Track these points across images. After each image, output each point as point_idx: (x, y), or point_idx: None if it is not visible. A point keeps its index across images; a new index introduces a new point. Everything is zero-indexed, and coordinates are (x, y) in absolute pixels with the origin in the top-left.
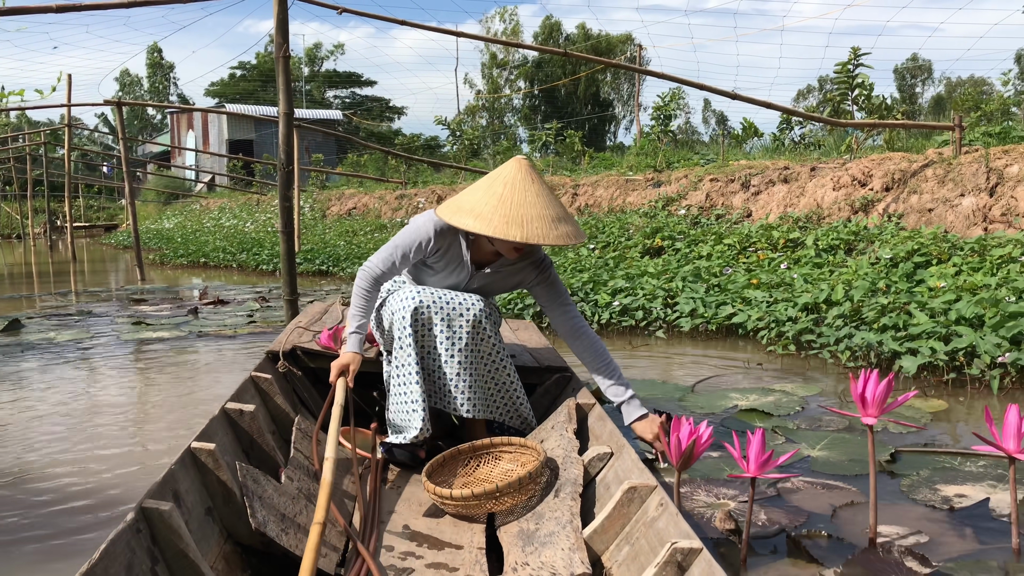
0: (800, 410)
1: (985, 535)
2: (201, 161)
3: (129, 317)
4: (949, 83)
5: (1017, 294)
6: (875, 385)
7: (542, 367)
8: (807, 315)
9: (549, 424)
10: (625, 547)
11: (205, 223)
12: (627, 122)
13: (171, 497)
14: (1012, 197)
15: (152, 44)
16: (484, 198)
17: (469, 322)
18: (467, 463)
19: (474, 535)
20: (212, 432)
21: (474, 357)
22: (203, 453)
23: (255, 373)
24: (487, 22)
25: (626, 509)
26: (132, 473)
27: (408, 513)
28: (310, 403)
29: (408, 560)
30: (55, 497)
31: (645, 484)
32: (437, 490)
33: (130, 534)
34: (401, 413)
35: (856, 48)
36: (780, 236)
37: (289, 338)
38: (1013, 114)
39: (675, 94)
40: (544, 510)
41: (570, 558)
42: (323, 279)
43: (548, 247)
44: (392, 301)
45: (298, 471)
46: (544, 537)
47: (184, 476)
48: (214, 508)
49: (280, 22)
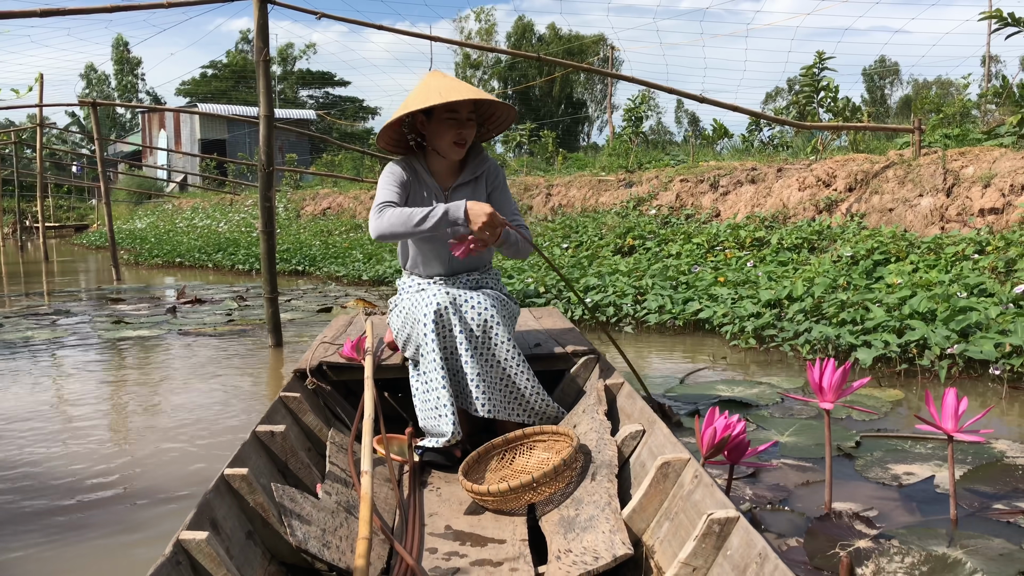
0: (780, 401)
1: (928, 507)
2: (173, 161)
3: (108, 316)
4: (916, 84)
5: (968, 290)
6: (831, 373)
7: (568, 352)
8: (770, 311)
9: (580, 408)
10: (665, 523)
11: (178, 223)
12: (600, 123)
13: (208, 526)
14: (967, 197)
15: (117, 37)
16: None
17: (479, 326)
18: (502, 457)
19: (516, 528)
20: (245, 457)
21: (487, 360)
22: (236, 479)
23: (284, 393)
24: (461, 22)
25: (662, 485)
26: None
27: (449, 513)
28: (342, 416)
29: (452, 560)
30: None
31: (679, 458)
32: (475, 487)
33: (170, 567)
34: (431, 418)
35: (821, 52)
36: (747, 235)
37: (314, 355)
38: (974, 117)
39: (645, 96)
40: (582, 495)
41: (611, 540)
42: (300, 279)
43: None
44: (409, 308)
45: (336, 484)
46: (584, 522)
47: (220, 503)
48: (254, 531)
49: (260, 27)
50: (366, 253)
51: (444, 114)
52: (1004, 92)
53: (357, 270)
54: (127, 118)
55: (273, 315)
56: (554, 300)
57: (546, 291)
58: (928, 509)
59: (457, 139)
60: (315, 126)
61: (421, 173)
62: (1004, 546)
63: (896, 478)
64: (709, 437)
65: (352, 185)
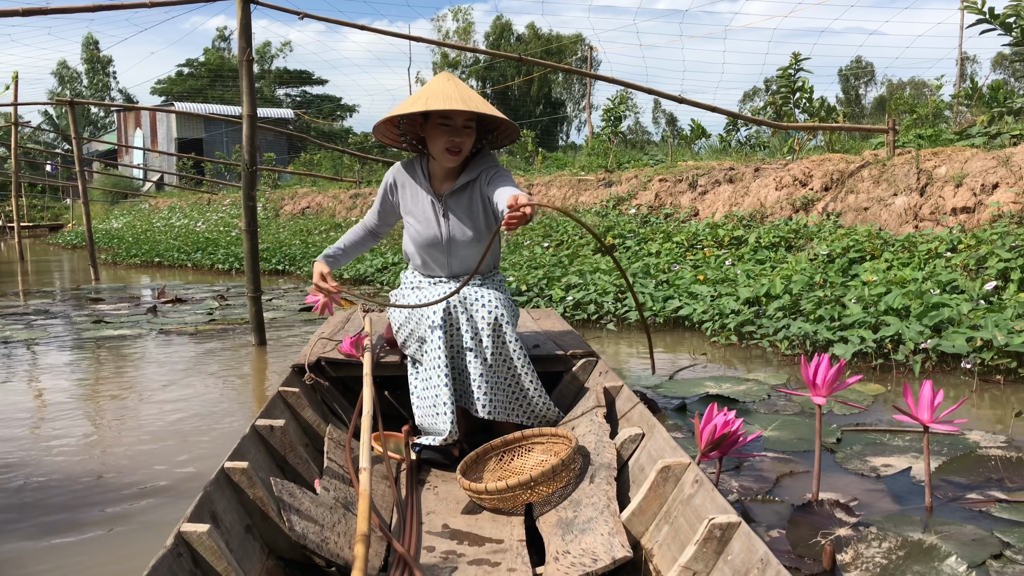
0: (767, 397)
1: (905, 497)
2: (149, 160)
3: (87, 316)
4: (891, 85)
5: (941, 287)
6: (826, 369)
7: (567, 354)
8: (749, 308)
9: (579, 411)
10: (664, 527)
11: (155, 223)
12: (579, 122)
13: (209, 518)
14: (940, 197)
15: (87, 36)
16: (414, 98)
17: (489, 324)
18: (500, 457)
19: (513, 528)
20: (244, 450)
21: (494, 360)
22: (236, 472)
23: (283, 388)
24: (439, 21)
25: (662, 489)
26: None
27: (446, 512)
28: (340, 412)
29: (450, 559)
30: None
31: (679, 462)
32: (472, 486)
33: (171, 559)
34: (428, 416)
35: (796, 54)
36: (725, 234)
37: (313, 350)
38: (946, 117)
39: (624, 96)
40: (581, 497)
41: (610, 542)
42: (280, 278)
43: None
44: (419, 310)
45: (334, 480)
46: (583, 524)
47: (220, 496)
48: (253, 525)
49: (243, 27)
50: None
51: (438, 119)
52: (975, 94)
53: (338, 269)
54: (100, 117)
55: (256, 314)
56: (536, 299)
57: (528, 289)
58: (905, 499)
59: (450, 146)
60: (293, 125)
61: (419, 177)
62: (976, 532)
63: (875, 469)
64: (708, 433)
65: (331, 184)
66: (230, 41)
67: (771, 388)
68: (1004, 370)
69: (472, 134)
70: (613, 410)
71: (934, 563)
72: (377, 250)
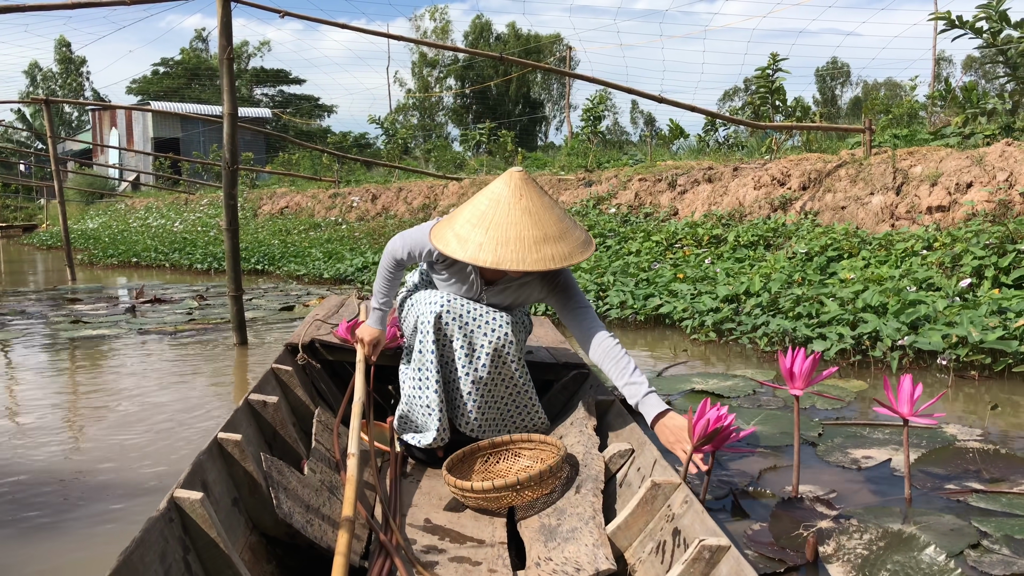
0: (752, 393)
1: (885, 488)
2: (125, 160)
3: (65, 316)
4: (866, 86)
5: (917, 284)
6: (802, 361)
7: (559, 363)
8: (728, 305)
9: (568, 421)
10: (649, 543)
11: (131, 223)
12: (557, 122)
13: (200, 487)
14: (916, 196)
15: (59, 38)
16: (468, 216)
17: (491, 343)
18: (487, 459)
19: (495, 529)
20: (237, 423)
21: (491, 383)
22: (230, 444)
23: (276, 365)
24: (417, 20)
25: (650, 506)
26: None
27: (428, 507)
28: (328, 396)
29: (431, 554)
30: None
31: (669, 481)
32: (458, 483)
33: (163, 523)
34: (418, 415)
35: (775, 54)
36: (704, 233)
37: (308, 331)
38: (921, 118)
39: (603, 96)
40: (565, 506)
41: (594, 554)
42: (259, 277)
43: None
44: (419, 300)
45: (320, 463)
46: (567, 532)
47: (211, 466)
48: (240, 499)
49: (224, 25)
50: (326, 252)
51: None
52: (949, 95)
53: (318, 268)
54: (74, 116)
55: (238, 313)
56: None
57: None
58: (885, 490)
59: (487, 274)
60: (270, 124)
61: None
62: (955, 522)
63: (855, 462)
64: (701, 428)
65: (310, 184)
66: (208, 41)
67: (757, 384)
68: (979, 366)
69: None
70: (604, 423)
71: (913, 553)
72: (358, 250)
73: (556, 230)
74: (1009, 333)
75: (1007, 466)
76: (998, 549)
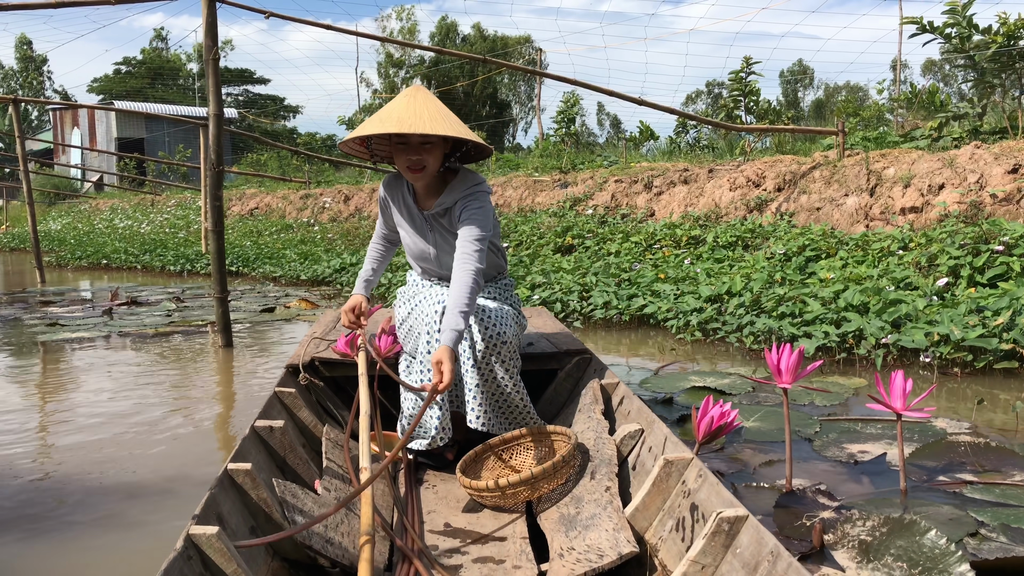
0: (751, 391)
1: (881, 481)
2: (88, 160)
3: (40, 319)
4: (828, 88)
5: (896, 284)
6: (788, 356)
7: (561, 351)
8: (711, 305)
9: (576, 407)
10: (668, 521)
11: (96, 224)
12: (525, 124)
13: (215, 521)
14: (889, 197)
15: (20, 36)
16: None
17: (491, 337)
18: (499, 455)
19: (516, 525)
20: (246, 452)
21: (489, 374)
22: (240, 474)
23: (279, 388)
24: (383, 20)
25: (665, 484)
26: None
27: (447, 511)
28: (335, 412)
29: (454, 557)
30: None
31: (681, 457)
32: (473, 484)
33: (182, 562)
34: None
35: (748, 57)
36: (683, 234)
37: (307, 350)
38: (887, 120)
39: (576, 99)
40: (582, 493)
41: (615, 538)
42: (235, 279)
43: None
44: (422, 305)
45: (334, 480)
46: (586, 520)
47: (224, 498)
48: (257, 527)
49: (209, 25)
50: (300, 253)
51: (395, 137)
52: (915, 98)
53: (294, 270)
54: (34, 115)
55: (223, 315)
56: None
57: None
58: (881, 483)
59: (409, 165)
60: (236, 124)
61: (405, 192)
62: (952, 512)
63: (851, 456)
64: (706, 425)
65: (279, 185)
66: (167, 40)
67: (753, 382)
68: (961, 363)
69: (434, 150)
70: (610, 407)
71: (916, 537)
72: (334, 250)
73: (454, 118)
74: (989, 331)
75: (998, 458)
76: (995, 537)
